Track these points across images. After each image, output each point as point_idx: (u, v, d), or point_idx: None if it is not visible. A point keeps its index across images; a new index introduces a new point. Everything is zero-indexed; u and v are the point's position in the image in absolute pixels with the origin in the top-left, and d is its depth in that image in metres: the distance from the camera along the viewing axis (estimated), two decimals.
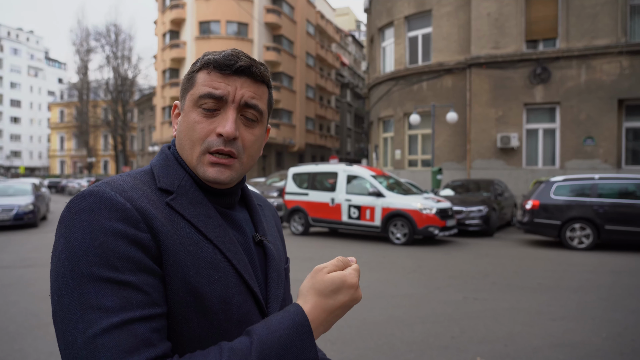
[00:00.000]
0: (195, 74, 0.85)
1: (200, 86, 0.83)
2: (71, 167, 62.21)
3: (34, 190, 14.74)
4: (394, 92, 18.48)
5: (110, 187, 0.74)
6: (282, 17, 33.89)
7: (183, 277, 0.73)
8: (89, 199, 0.72)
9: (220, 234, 0.81)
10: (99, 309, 0.65)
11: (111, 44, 43.58)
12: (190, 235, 0.77)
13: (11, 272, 7.20)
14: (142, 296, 0.68)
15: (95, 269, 0.67)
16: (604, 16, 14.24)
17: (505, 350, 3.94)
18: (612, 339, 4.19)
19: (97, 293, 0.66)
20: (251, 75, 0.85)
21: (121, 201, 0.72)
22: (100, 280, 0.66)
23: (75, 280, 0.67)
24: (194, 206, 0.81)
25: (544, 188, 10.19)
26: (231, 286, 0.78)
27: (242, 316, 0.79)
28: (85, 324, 0.65)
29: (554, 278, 6.83)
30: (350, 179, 11.23)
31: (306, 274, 6.73)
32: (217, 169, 0.83)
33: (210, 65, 0.83)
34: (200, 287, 0.74)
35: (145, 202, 0.75)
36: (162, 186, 0.81)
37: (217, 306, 0.76)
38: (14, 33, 72.92)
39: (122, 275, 0.67)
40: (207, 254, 0.77)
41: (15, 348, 4.02)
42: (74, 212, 0.71)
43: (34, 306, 5.30)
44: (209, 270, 0.76)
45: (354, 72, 55.08)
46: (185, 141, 0.84)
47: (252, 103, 0.84)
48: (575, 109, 14.62)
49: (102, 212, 0.70)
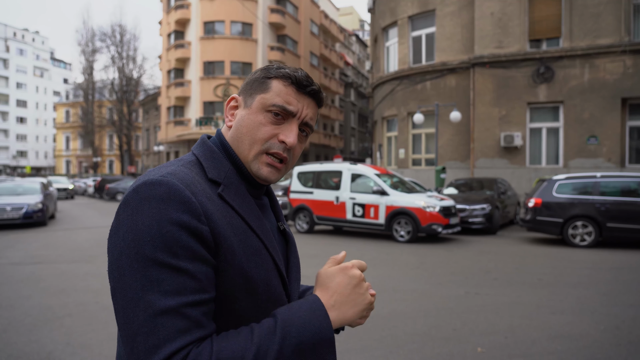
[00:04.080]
0: (270, 80, 0.94)
1: (275, 95, 0.92)
2: (77, 166, 62.60)
3: (42, 189, 14.95)
4: (398, 92, 18.58)
5: (177, 179, 0.81)
6: (286, 17, 34.04)
7: (237, 262, 0.84)
8: (159, 189, 0.79)
9: (259, 224, 0.92)
10: (159, 292, 0.74)
11: (116, 44, 43.90)
12: (239, 225, 0.87)
13: (22, 269, 7.38)
14: (196, 283, 0.78)
15: (159, 254, 0.74)
16: (607, 15, 14.29)
17: (505, 341, 4.06)
18: (609, 332, 4.30)
19: (158, 276, 0.74)
20: (317, 99, 0.97)
21: (188, 195, 0.79)
22: (162, 265, 0.74)
23: (140, 262, 0.74)
24: (238, 197, 0.91)
25: (546, 186, 10.28)
26: (270, 270, 0.90)
27: (278, 296, 0.91)
28: (146, 304, 0.73)
29: (555, 274, 6.93)
30: (354, 177, 11.36)
31: (312, 270, 6.90)
32: (270, 170, 0.94)
33: (289, 80, 0.93)
34: (250, 271, 0.85)
35: (204, 196, 0.83)
36: (212, 177, 0.90)
37: (261, 287, 0.87)
38: (19, 34, 73.45)
39: (181, 262, 0.76)
40: (252, 241, 0.88)
41: (32, 339, 4.17)
42: (143, 198, 0.78)
43: (48, 300, 5.46)
44: (255, 256, 0.87)
45: (357, 72, 55.16)
46: (246, 137, 0.93)
47: (310, 123, 0.97)
48: (578, 108, 14.68)
49: (171, 203, 0.78)
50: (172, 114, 34.88)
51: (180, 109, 34.39)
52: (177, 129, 33.54)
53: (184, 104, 33.99)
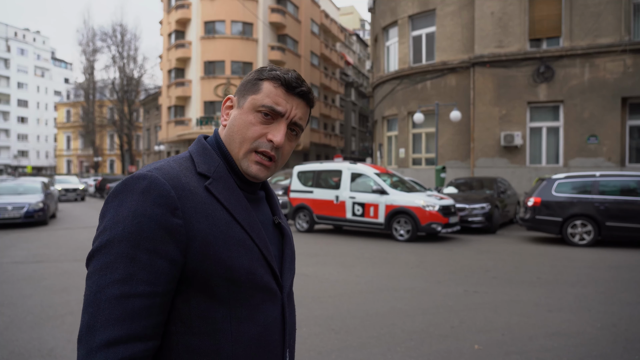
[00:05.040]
0: (261, 82, 0.99)
1: (265, 96, 0.97)
2: (78, 166, 62.67)
3: (43, 188, 15.00)
4: (398, 91, 18.60)
5: (161, 174, 0.88)
6: (287, 17, 34.06)
7: (214, 252, 0.88)
8: (142, 182, 0.86)
9: (246, 216, 0.97)
10: (110, 278, 0.81)
11: (117, 44, 43.91)
12: (223, 217, 0.92)
13: (24, 268, 7.42)
14: (145, 274, 0.83)
15: (124, 243, 0.82)
16: (607, 15, 14.30)
17: (502, 339, 4.10)
18: (606, 329, 4.33)
19: (114, 264, 0.82)
20: (306, 100, 1.02)
21: (167, 189, 0.86)
22: (120, 254, 0.82)
23: (106, 247, 0.83)
24: (226, 190, 0.96)
25: (545, 185, 10.30)
26: (255, 260, 0.95)
27: (264, 284, 0.96)
28: (97, 288, 0.82)
29: (553, 273, 6.96)
30: (354, 177, 11.39)
31: (312, 269, 6.96)
32: (259, 168, 0.99)
33: (279, 82, 0.98)
34: (230, 261, 0.90)
35: (187, 189, 0.89)
36: (201, 171, 0.95)
37: (244, 276, 0.92)
38: (20, 33, 73.55)
39: (139, 252, 0.82)
40: (236, 233, 0.92)
41: (33, 337, 4.21)
42: (128, 190, 0.86)
43: (49, 299, 5.50)
44: (237, 246, 0.92)
45: (358, 71, 55.17)
46: (237, 136, 0.99)
47: (299, 123, 1.01)
48: (578, 107, 14.69)
49: (150, 196, 0.85)
50: (172, 114, 34.93)
51: (180, 109, 34.44)
52: (178, 128, 33.59)
53: (185, 103, 34.04)
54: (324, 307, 5.10)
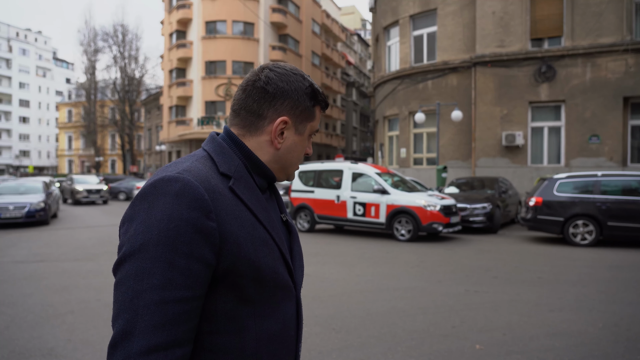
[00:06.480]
0: (314, 108, 1.06)
1: (317, 122, 1.08)
2: (79, 166, 62.74)
3: (45, 188, 15.02)
4: (399, 91, 18.59)
5: (192, 176, 0.87)
6: (288, 17, 34.06)
7: (244, 254, 0.89)
8: (175, 185, 0.84)
9: (266, 216, 0.98)
10: (148, 284, 0.80)
11: (118, 44, 43.94)
12: (248, 218, 0.92)
13: (25, 267, 7.43)
14: (184, 280, 0.82)
15: (160, 248, 0.81)
16: (609, 14, 14.27)
17: (503, 338, 4.08)
18: (607, 329, 4.31)
19: (151, 269, 0.80)
20: None
21: (201, 192, 0.85)
22: (157, 259, 0.80)
23: (140, 252, 0.81)
24: (247, 190, 0.96)
25: (547, 185, 10.28)
26: (277, 259, 0.96)
27: (285, 283, 0.98)
28: (133, 293, 0.80)
29: (555, 272, 6.94)
30: (355, 176, 11.38)
31: (313, 269, 6.96)
32: None
33: (322, 105, 1.08)
34: (258, 261, 0.91)
35: (217, 191, 0.89)
36: (223, 171, 0.95)
37: (270, 275, 0.93)
38: (22, 34, 73.66)
39: (177, 257, 0.81)
40: (260, 233, 0.94)
41: (34, 335, 4.21)
42: (160, 193, 0.84)
43: (49, 298, 5.50)
44: (262, 247, 0.93)
45: (359, 71, 55.15)
46: (295, 160, 1.06)
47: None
48: (580, 107, 14.66)
49: (184, 199, 0.83)
50: (174, 114, 34.94)
51: (182, 109, 34.45)
52: (179, 128, 33.60)
53: (186, 103, 34.06)
54: (325, 307, 5.09)
